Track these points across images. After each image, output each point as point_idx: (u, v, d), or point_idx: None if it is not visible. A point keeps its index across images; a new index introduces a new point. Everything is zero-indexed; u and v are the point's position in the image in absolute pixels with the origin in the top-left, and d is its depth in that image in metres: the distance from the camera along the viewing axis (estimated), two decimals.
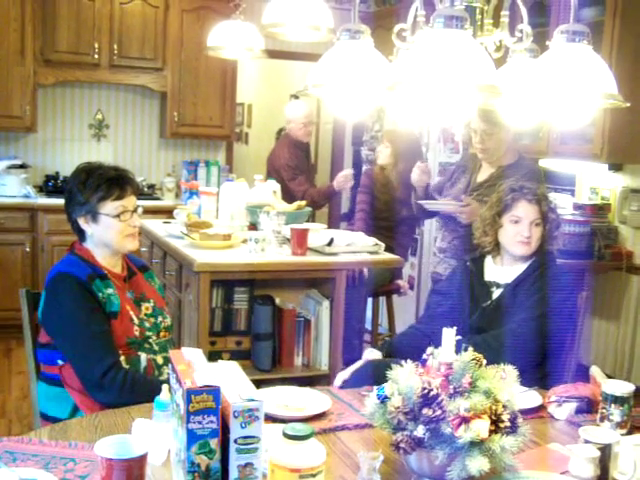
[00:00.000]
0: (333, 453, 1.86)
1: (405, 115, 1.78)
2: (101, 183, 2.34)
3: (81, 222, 2.37)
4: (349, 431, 2.02)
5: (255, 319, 3.56)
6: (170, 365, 1.54)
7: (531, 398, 2.25)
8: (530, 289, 2.68)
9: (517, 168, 3.54)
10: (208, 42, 3.80)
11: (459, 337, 2.68)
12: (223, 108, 6.24)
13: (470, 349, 1.67)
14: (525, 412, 2.17)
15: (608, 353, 4.91)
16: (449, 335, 1.64)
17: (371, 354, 2.65)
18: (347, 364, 3.74)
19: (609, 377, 2.26)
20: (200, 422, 1.36)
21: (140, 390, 2.20)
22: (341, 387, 2.41)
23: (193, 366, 1.47)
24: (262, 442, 1.40)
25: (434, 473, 1.62)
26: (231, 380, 1.47)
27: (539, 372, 2.62)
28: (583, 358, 5.04)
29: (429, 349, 1.69)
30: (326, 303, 3.57)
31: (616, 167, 4.73)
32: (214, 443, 1.38)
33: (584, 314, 3.02)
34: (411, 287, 4.18)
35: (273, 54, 5.46)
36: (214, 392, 1.36)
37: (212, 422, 1.37)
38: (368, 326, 5.05)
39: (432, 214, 3.96)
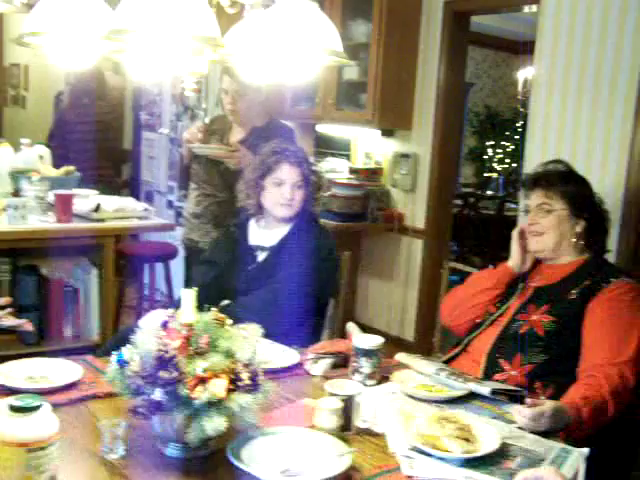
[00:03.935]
0: (79, 424, 1.78)
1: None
2: None
3: None
4: (101, 400, 1.94)
5: (19, 291, 3.37)
6: None
7: (289, 356, 2.29)
8: (293, 250, 2.71)
9: (270, 130, 3.51)
10: None
11: (227, 302, 2.70)
12: None
13: (213, 309, 1.66)
14: (283, 370, 2.21)
15: (383, 310, 5.16)
16: (187, 296, 1.61)
17: None
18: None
19: (381, 333, 2.34)
20: None
21: None
22: (102, 355, 2.32)
23: None
24: None
25: (177, 435, 1.60)
26: None
27: (304, 330, 2.67)
28: (361, 316, 5.29)
29: (170, 311, 1.65)
30: (94, 271, 3.44)
31: (388, 133, 4.94)
32: None
33: (350, 273, 3.13)
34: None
35: None
36: None
37: None
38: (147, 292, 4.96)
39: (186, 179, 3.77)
